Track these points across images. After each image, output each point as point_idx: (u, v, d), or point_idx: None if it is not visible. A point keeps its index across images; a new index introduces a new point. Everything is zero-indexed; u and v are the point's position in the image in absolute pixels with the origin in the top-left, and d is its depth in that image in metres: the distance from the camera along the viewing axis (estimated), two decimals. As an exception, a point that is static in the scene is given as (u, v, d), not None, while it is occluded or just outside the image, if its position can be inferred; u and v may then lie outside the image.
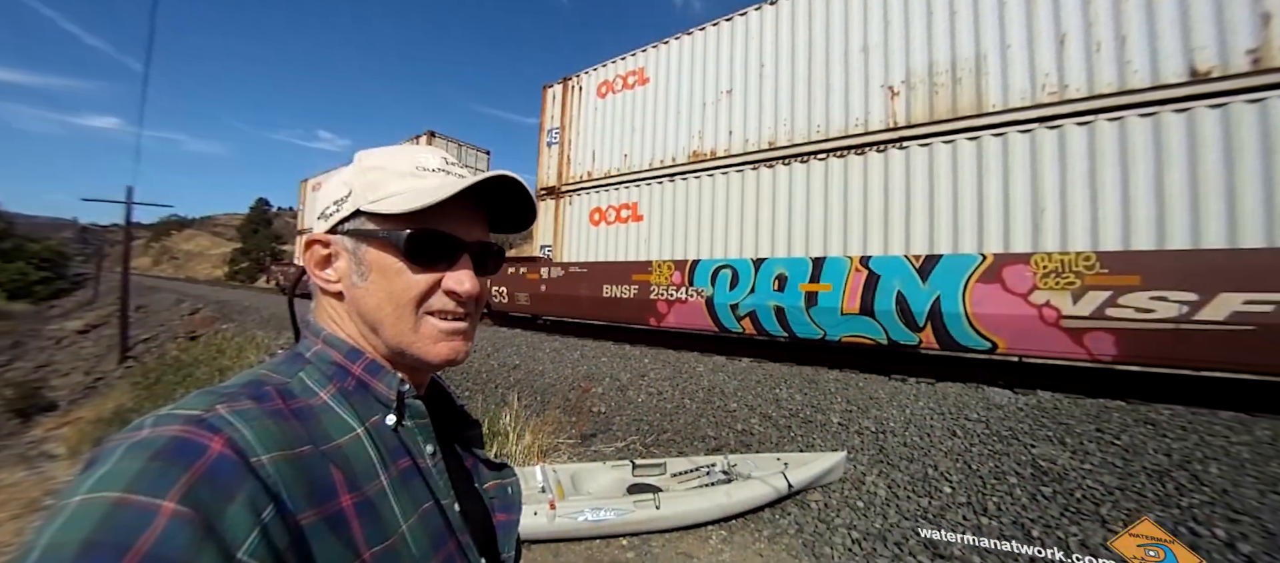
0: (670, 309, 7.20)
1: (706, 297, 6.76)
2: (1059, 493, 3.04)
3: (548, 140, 9.87)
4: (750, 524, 3.14)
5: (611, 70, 8.81)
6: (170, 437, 0.37)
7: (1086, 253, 4.42)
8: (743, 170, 6.85)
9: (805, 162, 6.29)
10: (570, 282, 8.62)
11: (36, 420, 11.37)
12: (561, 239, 9.32)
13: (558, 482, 3.16)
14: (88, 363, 16.26)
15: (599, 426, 4.78)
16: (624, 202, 8.28)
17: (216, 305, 17.10)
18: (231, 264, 56.69)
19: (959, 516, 2.98)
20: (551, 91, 9.95)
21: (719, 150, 7.16)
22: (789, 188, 6.38)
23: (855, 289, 5.54)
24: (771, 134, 6.64)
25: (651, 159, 7.99)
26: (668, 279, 7.30)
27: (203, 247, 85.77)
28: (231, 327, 12.98)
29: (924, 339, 5.09)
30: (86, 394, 12.99)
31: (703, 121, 7.38)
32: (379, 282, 0.53)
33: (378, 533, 0.46)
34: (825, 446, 3.98)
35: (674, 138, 7.71)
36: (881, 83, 5.79)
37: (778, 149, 6.53)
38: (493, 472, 0.67)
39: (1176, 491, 2.93)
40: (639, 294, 7.60)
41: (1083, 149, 4.64)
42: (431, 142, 13.55)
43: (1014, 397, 4.57)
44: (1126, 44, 4.51)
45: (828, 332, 5.75)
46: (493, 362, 6.98)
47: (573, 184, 9.16)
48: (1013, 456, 3.49)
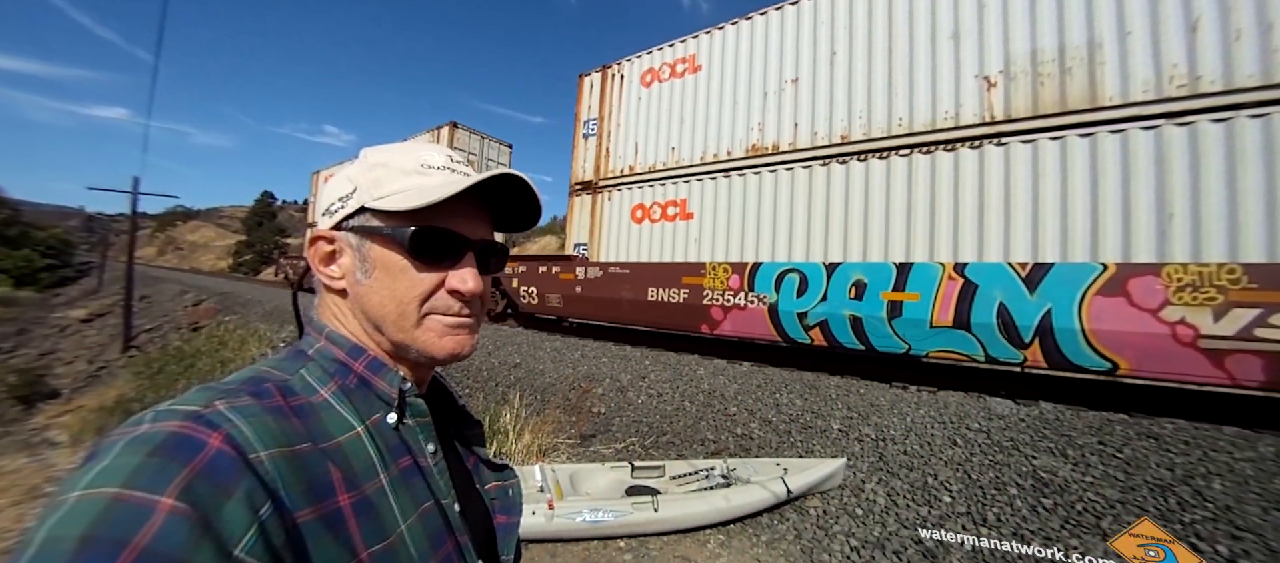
0: (726, 316, 6.73)
1: (769, 303, 6.28)
2: (1060, 505, 3.06)
3: (584, 132, 9.39)
4: (748, 529, 3.17)
5: (658, 57, 8.36)
6: (169, 432, 0.39)
7: (1230, 265, 4.00)
8: (810, 166, 6.39)
9: (885, 158, 5.81)
10: (610, 283, 8.17)
11: (39, 407, 11.57)
12: (599, 237, 8.79)
13: (556, 482, 3.19)
14: (91, 351, 16.45)
15: (598, 426, 4.81)
16: (671, 198, 7.79)
17: (220, 297, 17.26)
18: (236, 256, 57.34)
19: (958, 525, 3.03)
20: (588, 80, 9.50)
21: (783, 144, 6.68)
22: (865, 186, 5.92)
23: (948, 299, 5.09)
24: (844, 127, 6.17)
25: (704, 153, 7.53)
26: (724, 283, 6.79)
27: (207, 238, 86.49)
28: (234, 319, 13.09)
29: (1030, 357, 4.69)
30: (89, 382, 13.15)
31: (764, 113, 6.92)
32: (383, 279, 0.55)
33: (375, 532, 0.48)
34: (825, 452, 4.01)
35: (729, 130, 7.27)
36: (975, 73, 5.36)
37: (852, 144, 6.08)
38: (494, 473, 0.70)
39: (1179, 505, 2.95)
40: (690, 299, 7.11)
41: (1219, 148, 4.23)
42: (454, 133, 13.54)
43: (1015, 407, 4.60)
44: (1274, 32, 4.10)
45: (913, 346, 5.32)
46: (493, 360, 7.03)
47: (612, 179, 8.70)
48: (1014, 466, 3.51)
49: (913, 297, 5.30)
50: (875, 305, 5.50)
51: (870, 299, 5.55)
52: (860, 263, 5.79)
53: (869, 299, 5.56)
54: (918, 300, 5.25)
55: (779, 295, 6.25)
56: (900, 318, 5.33)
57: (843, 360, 6.50)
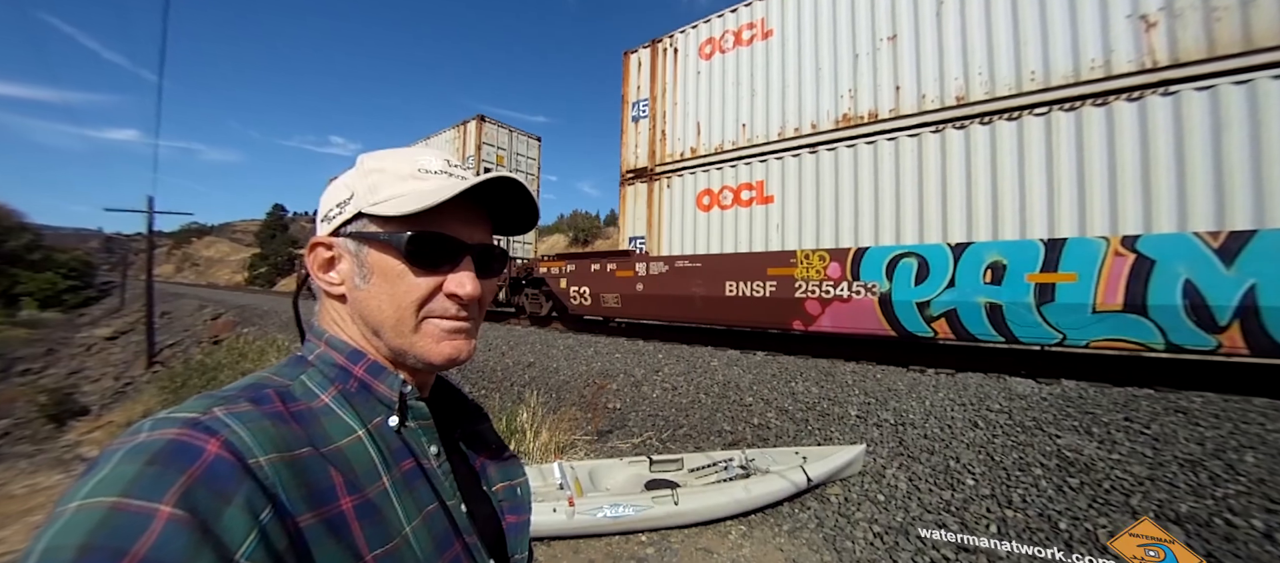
0: (825, 310, 5.98)
1: (880, 293, 5.53)
2: (1087, 484, 3.01)
3: (633, 114, 8.62)
4: (769, 519, 3.16)
5: (718, 26, 7.52)
6: (167, 440, 0.39)
7: None
8: (919, 134, 5.59)
9: (1015, 118, 5.01)
10: (677, 279, 7.42)
11: (70, 425, 11.88)
12: (659, 229, 8.02)
13: (576, 478, 3.20)
14: (117, 368, 16.85)
15: (615, 422, 4.83)
16: (745, 180, 6.98)
17: (237, 310, 17.57)
18: (251, 269, 58.31)
19: (982, 508, 2.96)
20: (635, 58, 8.73)
21: (882, 111, 5.87)
22: (991, 153, 5.14)
23: (1115, 278, 4.36)
24: (959, 87, 5.38)
25: (782, 128, 6.69)
26: (821, 273, 5.99)
27: (223, 253, 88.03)
28: (252, 330, 13.32)
29: (1227, 342, 4.04)
30: (116, 399, 13.47)
31: (855, 78, 6.11)
32: (381, 285, 0.55)
33: (379, 535, 0.48)
34: (843, 439, 3.98)
35: (813, 100, 6.44)
36: (1127, 12, 4.60)
37: (970, 105, 5.29)
38: (502, 473, 0.69)
39: (1211, 480, 2.89)
40: (778, 292, 6.34)
41: None
42: (482, 127, 12.99)
43: (1037, 387, 4.53)
44: None
45: (1069, 335, 4.62)
46: (507, 360, 7.08)
47: (671, 164, 7.95)
48: (1037, 447, 3.46)
49: (1068, 277, 4.55)
50: (1019, 289, 4.73)
51: (1012, 283, 4.77)
52: (997, 242, 4.96)
53: (1011, 283, 4.78)
54: (1075, 282, 4.52)
55: (892, 284, 5.46)
56: (1052, 303, 4.59)
57: (858, 346, 6.35)
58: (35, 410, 12.40)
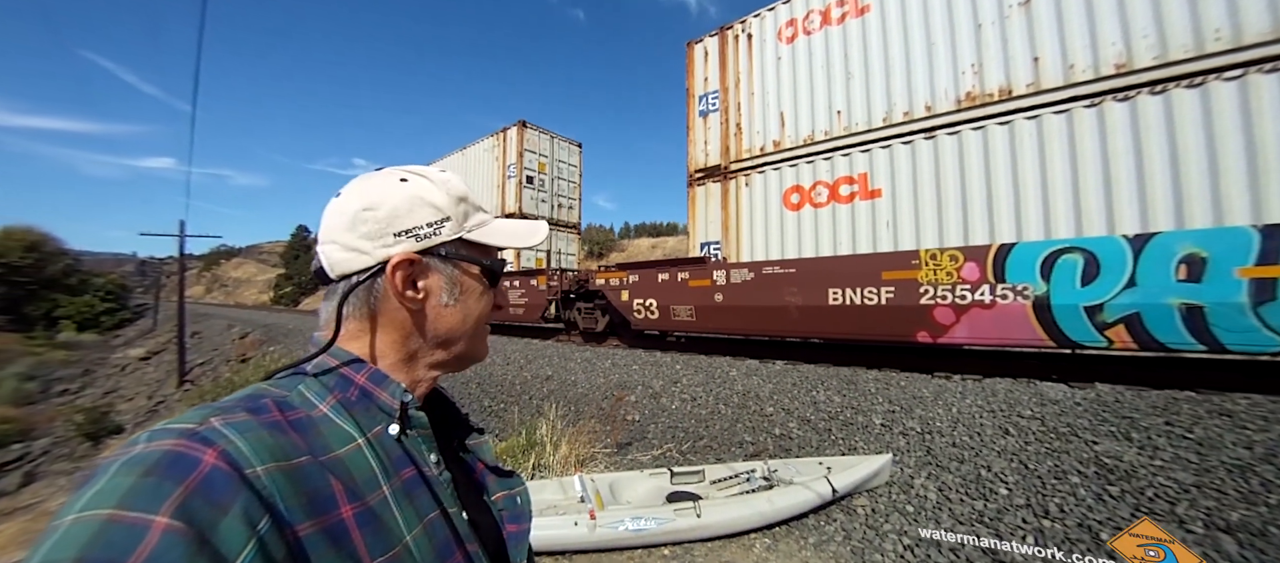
0: (960, 318, 5.18)
1: (1035, 297, 4.75)
2: (1128, 492, 2.88)
3: (701, 109, 7.94)
4: (794, 531, 3.09)
5: (801, 6, 6.84)
6: (163, 451, 0.39)
7: None
8: (1069, 109, 4.81)
9: (1197, 85, 4.23)
10: (765, 287, 6.63)
11: (106, 443, 12.24)
12: (736, 233, 7.28)
13: (597, 491, 3.18)
14: (150, 388, 17.35)
15: (634, 433, 4.80)
16: (844, 174, 6.24)
17: (264, 329, 17.99)
18: (276, 289, 59.80)
19: (1018, 519, 2.85)
20: (700, 48, 8.09)
21: (1017, 87, 5.13)
22: (1167, 129, 4.36)
23: None
24: (1119, 54, 4.59)
25: (887, 113, 5.98)
26: (954, 275, 5.21)
27: (250, 274, 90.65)
28: (278, 348, 13.60)
29: None
30: (150, 417, 13.85)
31: (980, 51, 5.38)
32: (466, 301, 0.62)
33: (380, 543, 0.48)
34: (869, 448, 3.89)
35: (925, 79, 5.73)
36: None
37: (1134, 73, 4.52)
38: (501, 482, 0.70)
39: (1263, 487, 2.76)
40: (898, 299, 5.55)
41: None
42: (523, 132, 12.87)
43: (1070, 391, 4.37)
44: None
45: None
46: (526, 373, 7.09)
47: (750, 160, 7.20)
48: (1073, 454, 3.34)
49: None
50: (1225, 288, 3.98)
51: (1217, 279, 4.01)
52: (1191, 230, 4.18)
53: (1214, 280, 4.02)
54: None
55: (1051, 285, 4.69)
56: (1273, 303, 3.83)
57: (884, 352, 6.13)
58: (72, 429, 12.81)
